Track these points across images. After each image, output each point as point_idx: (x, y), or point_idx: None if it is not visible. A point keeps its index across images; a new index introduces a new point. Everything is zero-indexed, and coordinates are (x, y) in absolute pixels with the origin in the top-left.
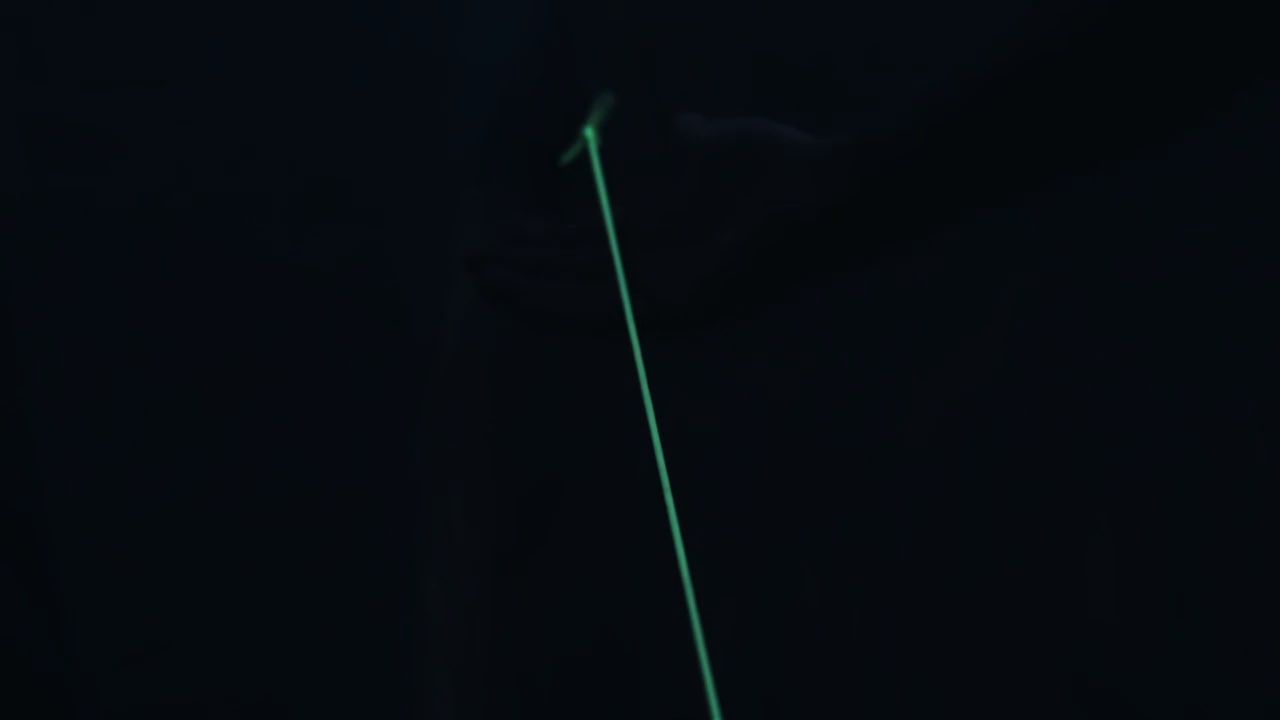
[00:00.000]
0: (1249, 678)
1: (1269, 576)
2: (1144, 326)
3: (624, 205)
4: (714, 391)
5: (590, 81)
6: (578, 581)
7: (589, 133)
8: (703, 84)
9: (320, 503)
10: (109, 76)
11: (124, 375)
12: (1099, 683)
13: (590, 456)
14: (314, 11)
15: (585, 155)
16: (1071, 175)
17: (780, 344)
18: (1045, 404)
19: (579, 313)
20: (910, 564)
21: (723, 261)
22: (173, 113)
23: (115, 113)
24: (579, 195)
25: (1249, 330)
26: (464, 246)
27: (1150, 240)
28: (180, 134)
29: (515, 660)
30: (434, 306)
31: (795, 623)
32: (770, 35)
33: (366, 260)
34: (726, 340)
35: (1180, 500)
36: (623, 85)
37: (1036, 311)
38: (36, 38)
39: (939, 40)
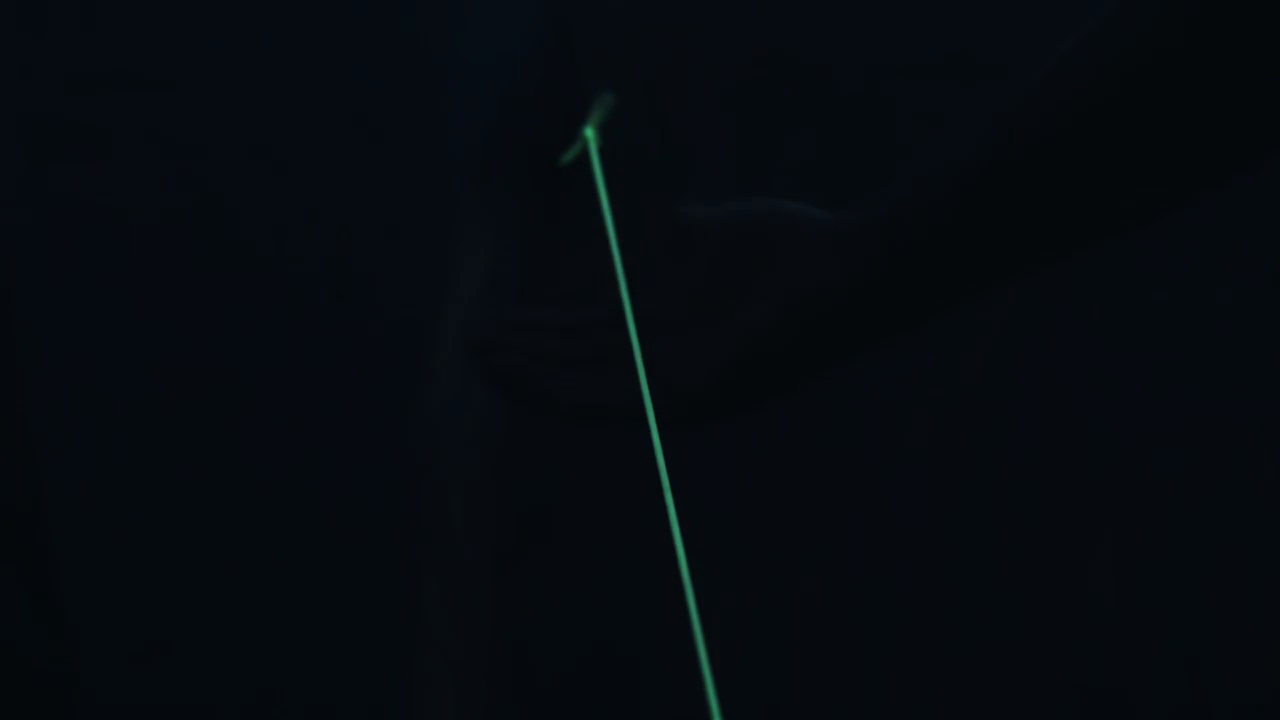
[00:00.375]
0: (1249, 678)
1: (1269, 576)
2: (1143, 327)
3: (637, 293)
4: None
5: (590, 81)
6: (578, 581)
7: (589, 133)
8: (703, 84)
9: (320, 503)
10: (109, 76)
11: (124, 375)
12: (1099, 683)
13: (590, 457)
14: (314, 11)
15: (585, 155)
16: (1116, 232)
17: None
18: (1045, 405)
19: (591, 401)
20: (910, 564)
21: (744, 348)
22: (172, 113)
23: (115, 113)
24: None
25: (1249, 330)
26: (467, 332)
27: (1150, 240)
28: (180, 134)
29: (515, 660)
30: (433, 308)
31: (795, 623)
32: (770, 35)
33: (366, 261)
34: None
35: (1180, 500)
36: (623, 85)
37: (1036, 312)
38: (36, 38)
39: (938, 41)
